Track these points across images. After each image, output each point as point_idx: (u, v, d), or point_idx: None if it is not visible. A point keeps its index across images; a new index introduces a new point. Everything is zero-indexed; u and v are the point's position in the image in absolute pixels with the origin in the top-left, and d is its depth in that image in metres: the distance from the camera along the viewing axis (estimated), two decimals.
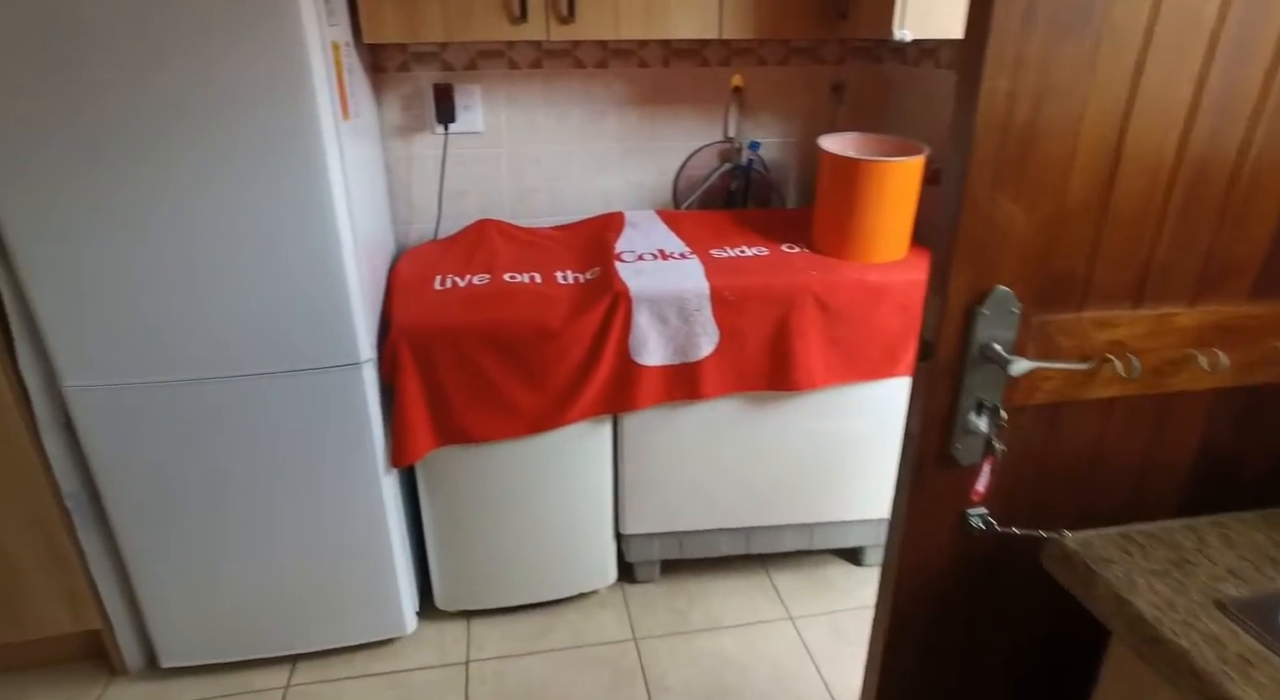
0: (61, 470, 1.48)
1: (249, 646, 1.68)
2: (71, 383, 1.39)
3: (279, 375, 1.44)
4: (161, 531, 1.53)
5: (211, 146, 1.26)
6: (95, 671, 1.71)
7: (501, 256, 1.79)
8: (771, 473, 1.82)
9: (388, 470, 1.59)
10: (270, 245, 1.34)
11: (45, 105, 1.20)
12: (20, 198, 1.25)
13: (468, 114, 1.87)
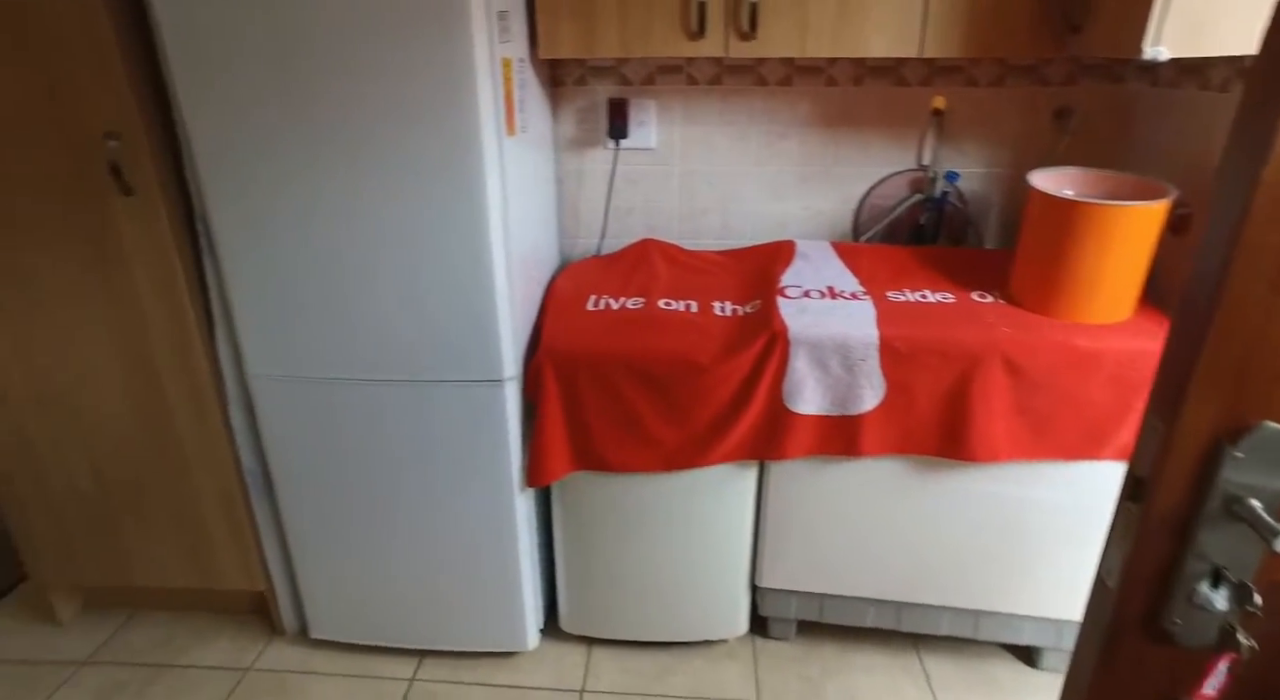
0: (243, 448, 1.62)
1: (383, 634, 1.76)
2: (256, 371, 1.51)
3: (428, 384, 1.48)
4: (318, 512, 1.63)
5: (383, 159, 1.30)
6: (261, 628, 1.87)
7: (660, 280, 1.72)
8: (934, 547, 1.60)
9: (523, 488, 1.58)
10: (428, 257, 1.37)
11: (260, 127, 1.30)
12: (231, 207, 1.37)
13: (641, 130, 1.82)
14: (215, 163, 1.34)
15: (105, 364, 1.56)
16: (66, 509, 1.73)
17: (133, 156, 1.38)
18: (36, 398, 1.61)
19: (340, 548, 1.66)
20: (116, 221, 1.43)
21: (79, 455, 1.66)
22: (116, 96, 1.34)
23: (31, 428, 1.64)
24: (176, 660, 1.78)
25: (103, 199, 1.41)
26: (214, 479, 1.66)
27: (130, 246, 1.45)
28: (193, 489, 1.68)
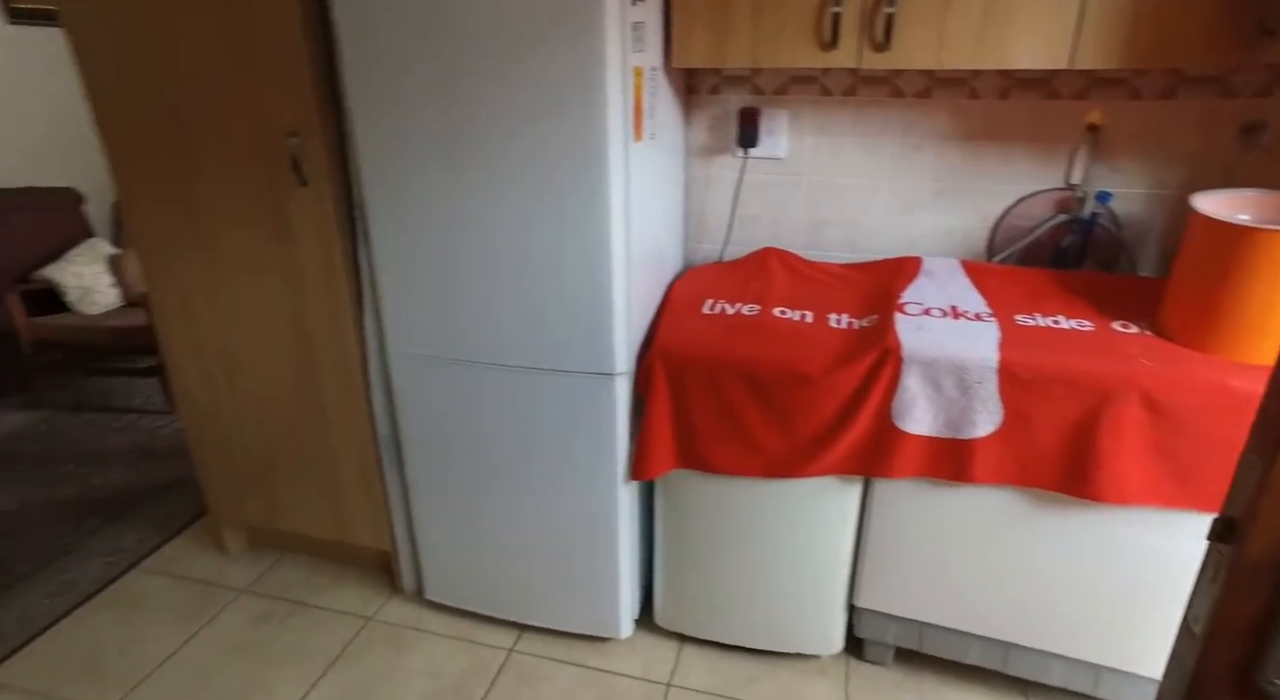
0: (380, 417, 1.79)
1: (489, 603, 1.88)
2: (395, 349, 1.67)
3: (547, 372, 1.57)
4: (440, 483, 1.77)
5: (518, 159, 1.40)
6: (384, 584, 2.05)
7: (777, 288, 1.73)
8: (1052, 589, 1.51)
9: (627, 480, 1.64)
10: (552, 253, 1.46)
11: (413, 129, 1.44)
12: (384, 200, 1.53)
13: (771, 139, 1.83)
14: (374, 159, 1.50)
15: (275, 332, 1.78)
16: (238, 457, 1.98)
17: (309, 152, 1.57)
18: (223, 353, 1.86)
19: (457, 518, 1.80)
20: (292, 208, 1.63)
21: (251, 410, 1.90)
22: (300, 101, 1.53)
23: (218, 379, 1.89)
24: (313, 600, 2.00)
25: (283, 188, 1.62)
26: (354, 443, 1.85)
27: (301, 230, 1.65)
28: (336, 450, 1.87)
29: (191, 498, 2.41)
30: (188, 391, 1.94)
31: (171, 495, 2.43)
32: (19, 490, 2.47)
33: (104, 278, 3.09)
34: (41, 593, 2.01)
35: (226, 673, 1.78)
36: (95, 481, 2.51)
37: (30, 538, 2.23)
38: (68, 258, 3.09)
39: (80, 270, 3.06)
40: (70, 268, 3.05)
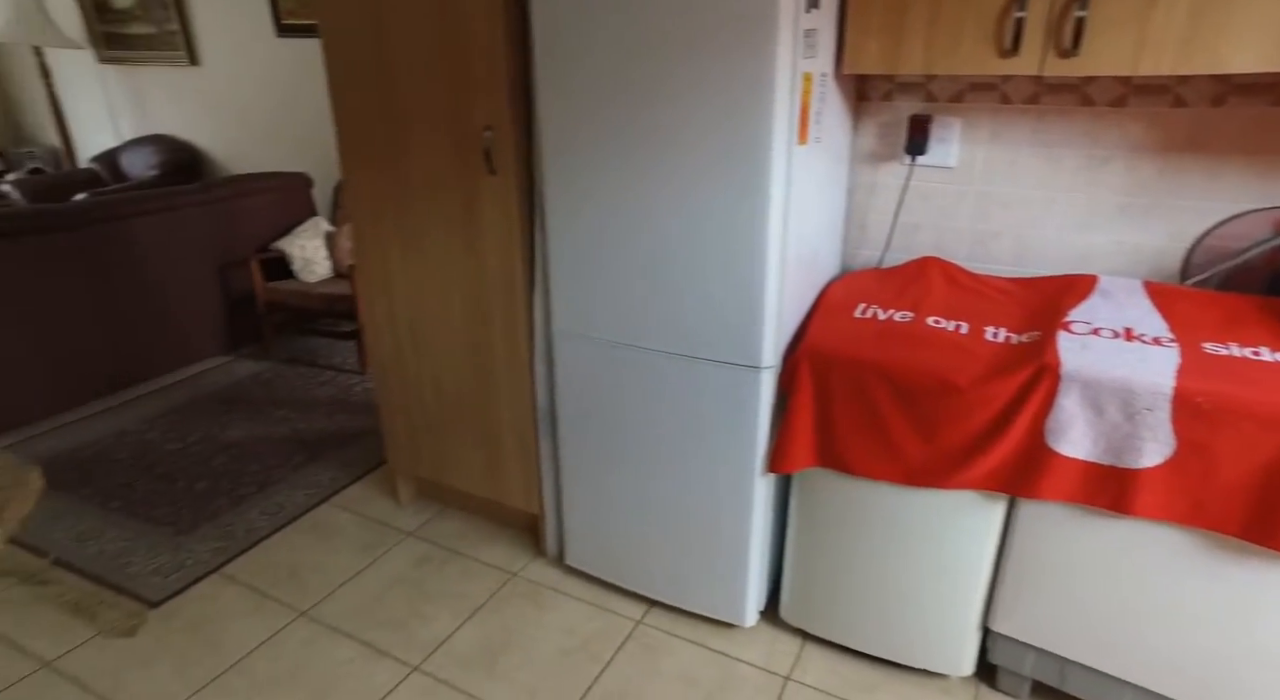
0: (540, 389, 1.95)
1: (622, 575, 1.99)
2: (558, 328, 1.82)
3: (696, 360, 1.65)
4: (588, 456, 1.90)
5: (685, 156, 1.49)
6: (530, 545, 2.23)
7: (934, 297, 1.70)
8: (1226, 647, 1.38)
9: (764, 472, 1.69)
10: (710, 247, 1.54)
11: (593, 125, 1.57)
12: (561, 190, 1.68)
13: (941, 146, 1.80)
14: (555, 153, 1.65)
15: (457, 304, 1.99)
16: (416, 416, 2.23)
17: (500, 145, 1.75)
18: (411, 323, 2.10)
19: (600, 491, 1.93)
20: (481, 194, 1.83)
21: (429, 372, 2.14)
22: (497, 99, 1.71)
23: (405, 344, 2.15)
24: (466, 551, 2.21)
25: (476, 176, 1.81)
26: (515, 412, 2.03)
27: (487, 215, 1.84)
28: (499, 417, 2.06)
29: (374, 449, 2.73)
30: (380, 355, 2.22)
31: (358, 444, 2.77)
32: (247, 425, 2.91)
33: (321, 251, 3.55)
34: (260, 510, 2.38)
35: (392, 599, 2.02)
36: (302, 426, 2.91)
37: (253, 465, 2.64)
38: (296, 232, 3.58)
39: (304, 243, 3.54)
40: (297, 241, 3.53)
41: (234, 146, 4.73)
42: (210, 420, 2.96)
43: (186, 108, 4.84)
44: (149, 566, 2.14)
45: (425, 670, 1.80)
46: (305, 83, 4.23)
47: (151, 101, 4.99)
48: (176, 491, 2.49)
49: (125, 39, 4.85)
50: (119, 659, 1.84)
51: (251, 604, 2.01)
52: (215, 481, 2.55)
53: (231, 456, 2.70)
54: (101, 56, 5.01)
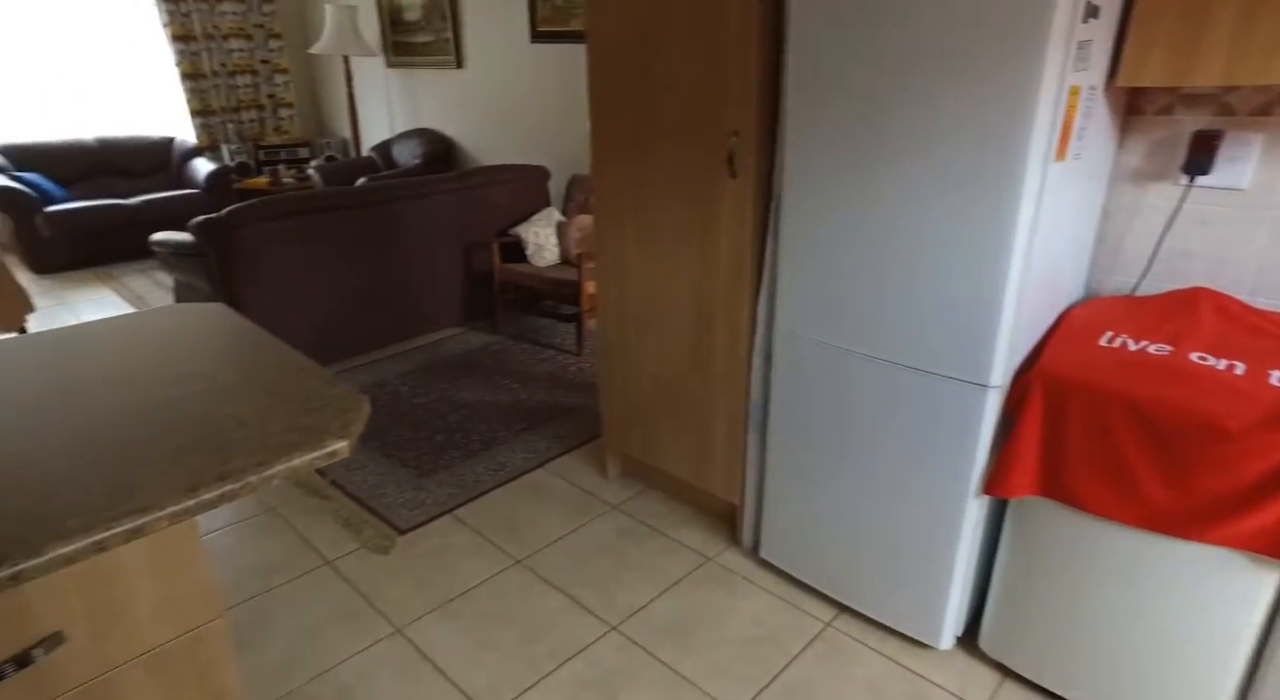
0: (755, 385, 2.03)
1: (816, 575, 2.02)
2: (781, 327, 1.88)
3: (920, 373, 1.64)
4: (794, 454, 1.95)
5: (931, 167, 1.49)
6: (726, 533, 2.32)
7: (1202, 332, 1.55)
8: None
9: (978, 494, 1.64)
10: (948, 259, 1.52)
11: (837, 133, 1.62)
12: (798, 195, 1.74)
13: (1231, 166, 1.63)
14: (796, 159, 1.71)
15: (683, 297, 2.12)
16: (633, 398, 2.40)
17: (744, 149, 1.84)
18: (638, 312, 2.27)
19: (803, 490, 1.97)
20: (721, 196, 1.93)
21: (650, 360, 2.29)
22: (745, 105, 1.80)
23: (630, 332, 2.32)
24: (666, 530, 2.34)
25: (716, 179, 1.92)
26: (728, 403, 2.12)
27: (723, 215, 1.94)
28: (712, 407, 2.17)
29: (586, 424, 2.96)
30: (606, 339, 2.40)
31: (572, 419, 3.02)
32: (477, 390, 3.28)
33: (551, 238, 3.88)
34: (485, 467, 2.69)
35: (595, 563, 2.20)
36: (523, 396, 3.21)
37: (480, 426, 2.97)
38: (531, 220, 3.94)
39: (538, 230, 3.88)
40: (532, 228, 3.89)
41: (484, 140, 5.27)
42: (448, 382, 3.36)
43: (448, 105, 5.46)
44: (398, 499, 2.50)
45: (622, 631, 1.95)
46: (550, 84, 4.62)
47: (421, 100, 5.69)
48: (420, 440, 2.87)
49: (409, 47, 5.57)
50: (375, 570, 2.17)
51: (476, 545, 2.28)
52: (450, 435, 2.89)
53: (463, 415, 3.05)
54: (389, 62, 5.79)
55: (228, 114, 6.42)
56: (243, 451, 1.04)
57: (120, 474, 0.97)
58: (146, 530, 0.92)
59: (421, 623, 1.98)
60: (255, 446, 1.05)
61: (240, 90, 6.43)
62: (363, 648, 1.90)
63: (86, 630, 0.95)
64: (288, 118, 6.74)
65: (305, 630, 1.96)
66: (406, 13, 5.45)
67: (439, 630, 1.96)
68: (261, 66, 6.51)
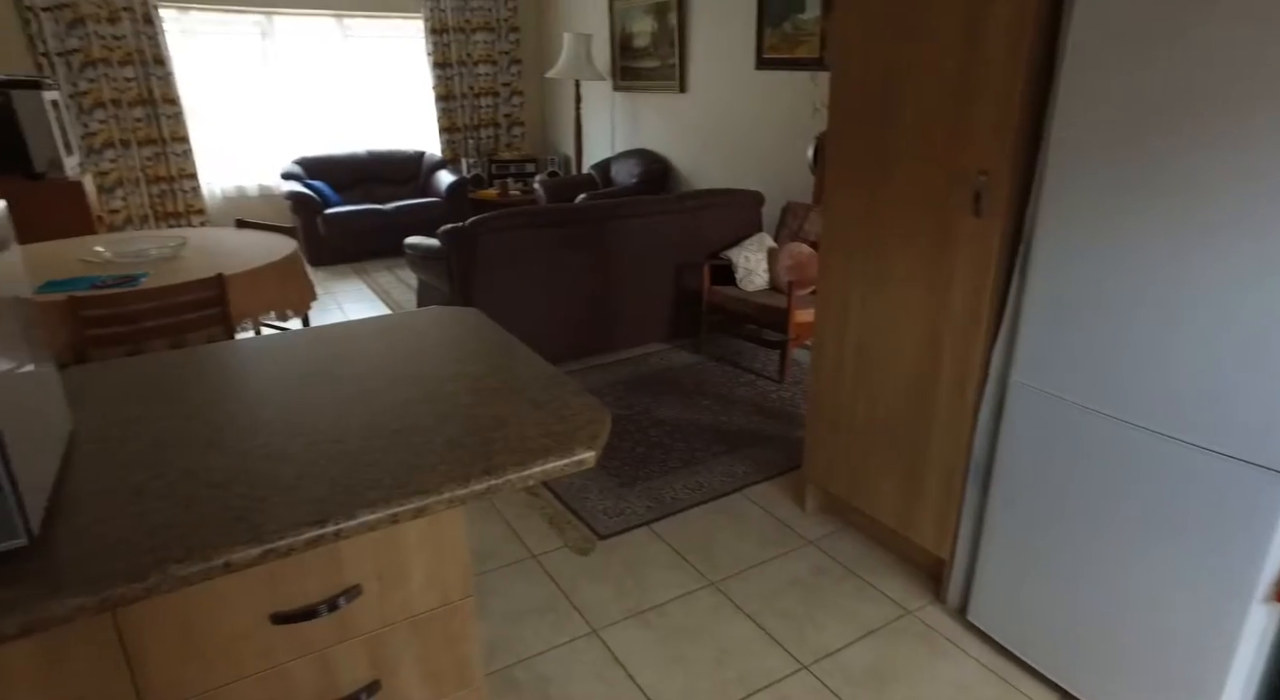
0: (979, 437, 1.90)
1: (1034, 652, 1.84)
2: (1018, 379, 1.75)
3: (1189, 447, 1.46)
4: (1020, 520, 1.80)
5: (1233, 219, 1.32)
6: (929, 588, 2.19)
7: None
8: None
9: (1266, 599, 1.42)
10: (1232, 319, 1.33)
11: (1105, 180, 1.48)
12: (1055, 239, 1.61)
13: None
14: (1055, 202, 1.59)
15: (908, 336, 2.04)
16: (842, 433, 2.34)
17: (993, 189, 1.74)
18: (857, 346, 2.21)
19: (1028, 560, 1.81)
20: (959, 235, 1.84)
21: (865, 397, 2.23)
22: (999, 144, 1.70)
23: (846, 366, 2.27)
24: (864, 574, 2.26)
25: (957, 217, 1.83)
26: (947, 452, 2.00)
27: (962, 255, 1.84)
28: (928, 454, 2.06)
29: (785, 453, 2.93)
30: (820, 371, 2.37)
31: (771, 446, 3.00)
32: (677, 408, 3.36)
33: (762, 264, 3.89)
34: (684, 485, 2.74)
35: (788, 596, 2.17)
36: (723, 418, 3.24)
37: (680, 443, 3.04)
38: (743, 244, 3.98)
39: (749, 255, 3.91)
40: (743, 252, 3.92)
41: (700, 163, 5.41)
42: (650, 397, 3.47)
43: (668, 128, 5.68)
44: (599, 505, 2.62)
45: (814, 672, 1.90)
46: (770, 111, 4.65)
47: (643, 121, 5.96)
48: (623, 450, 2.99)
49: (635, 71, 5.86)
50: (576, 569, 2.29)
51: (671, 560, 2.33)
52: (650, 449, 2.99)
53: (664, 431, 3.13)
54: (615, 85, 6.13)
55: (469, 131, 7.12)
56: (504, 450, 1.14)
57: (405, 459, 1.11)
58: (427, 511, 1.04)
59: (617, 628, 2.06)
60: (515, 446, 1.15)
61: (482, 110, 7.12)
62: (562, 642, 2.01)
63: (376, 588, 1.09)
64: (519, 135, 7.35)
65: (510, 615, 2.11)
66: (636, 40, 5.74)
67: (633, 637, 2.02)
68: (502, 88, 7.16)
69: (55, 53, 5.35)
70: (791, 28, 4.32)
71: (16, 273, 1.09)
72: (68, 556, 0.89)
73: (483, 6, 6.82)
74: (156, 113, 5.74)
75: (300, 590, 1.04)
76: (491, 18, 6.89)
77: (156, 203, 5.96)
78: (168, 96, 5.73)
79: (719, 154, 5.20)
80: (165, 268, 2.85)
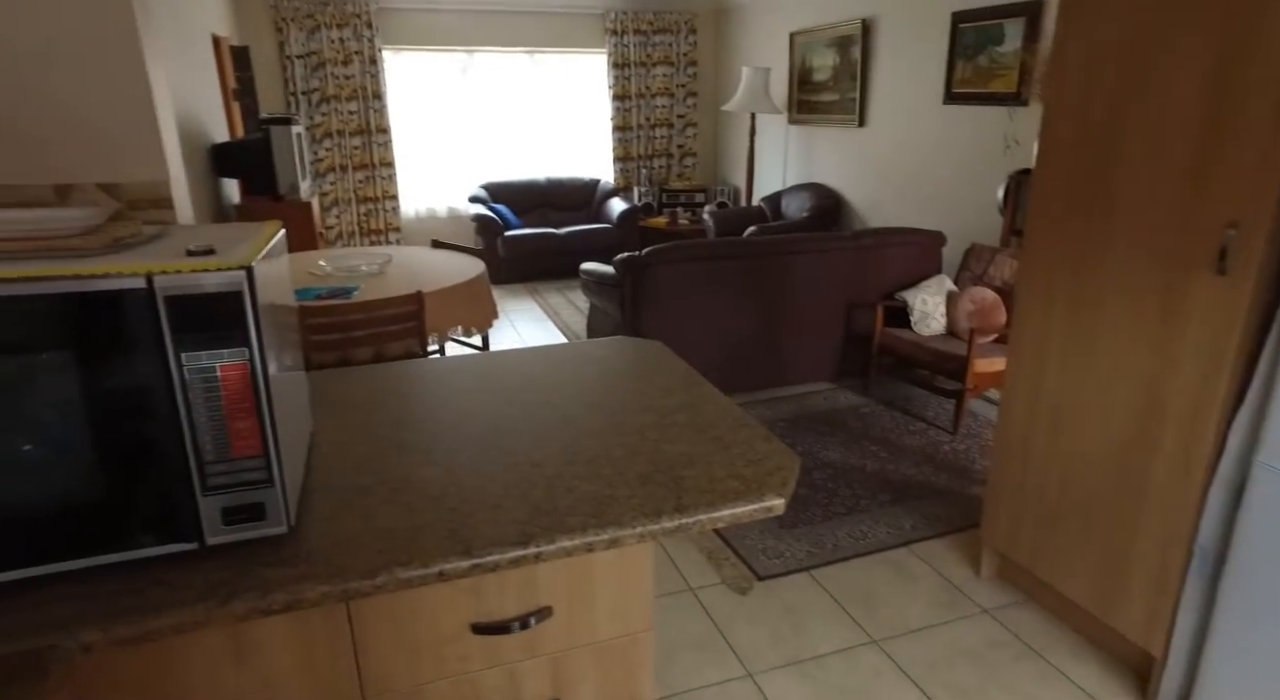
0: (1206, 521, 1.68)
1: None
2: (1266, 460, 1.53)
3: None
4: (1259, 620, 1.57)
5: None
6: (1133, 686, 1.95)
7: None
8: None
9: None
10: None
11: None
12: None
13: None
14: None
15: (1120, 400, 1.85)
16: (1030, 497, 2.15)
17: (1244, 243, 1.55)
18: (1055, 405, 2.03)
19: (1269, 666, 1.57)
20: (1196, 293, 1.65)
21: (1060, 460, 2.04)
22: (1257, 191, 1.51)
23: (1040, 424, 2.09)
24: (1048, 656, 2.05)
25: (1191, 273, 1.64)
26: (1161, 534, 1.79)
27: (1196, 315, 1.65)
28: (1136, 532, 1.84)
29: (959, 510, 2.74)
30: (1010, 425, 2.20)
31: (941, 501, 2.82)
32: (842, 451, 3.24)
33: (939, 308, 3.70)
34: (847, 532, 2.64)
35: (959, 669, 2.01)
36: (890, 466, 3.09)
37: (844, 489, 2.93)
38: (920, 286, 3.80)
39: (926, 298, 3.73)
40: (920, 295, 3.75)
41: (875, 199, 5.26)
42: (814, 437, 3.38)
43: (843, 162, 5.57)
44: (759, 545, 2.57)
45: None
46: (957, 147, 4.44)
47: (816, 155, 5.89)
48: None
49: (812, 105, 5.81)
50: (731, 608, 2.26)
51: (831, 611, 2.24)
52: (813, 492, 2.90)
53: (828, 475, 3.03)
54: (791, 118, 6.11)
55: (642, 160, 7.35)
56: (693, 489, 1.15)
57: (599, 489, 1.14)
58: (619, 543, 1.06)
59: (774, 674, 2.00)
60: (705, 487, 1.16)
61: (656, 140, 7.33)
62: (716, 681, 1.98)
63: (565, 611, 1.13)
64: (691, 166, 7.49)
65: (665, 647, 2.11)
66: (816, 74, 5.70)
67: (789, 687, 1.96)
68: (677, 120, 7.35)
69: (301, 92, 6.13)
70: (987, 60, 4.11)
71: (288, 285, 1.24)
72: (314, 548, 0.99)
73: (664, 42, 7.06)
74: (370, 141, 6.41)
75: (499, 605, 1.09)
76: (672, 53, 7.12)
77: (363, 220, 6.63)
78: (380, 126, 6.39)
79: (897, 191, 5.02)
80: (373, 282, 3.15)
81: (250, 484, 0.98)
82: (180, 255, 0.95)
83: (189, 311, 0.92)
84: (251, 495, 0.98)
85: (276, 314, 1.09)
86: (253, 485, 0.98)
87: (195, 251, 0.95)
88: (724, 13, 7.10)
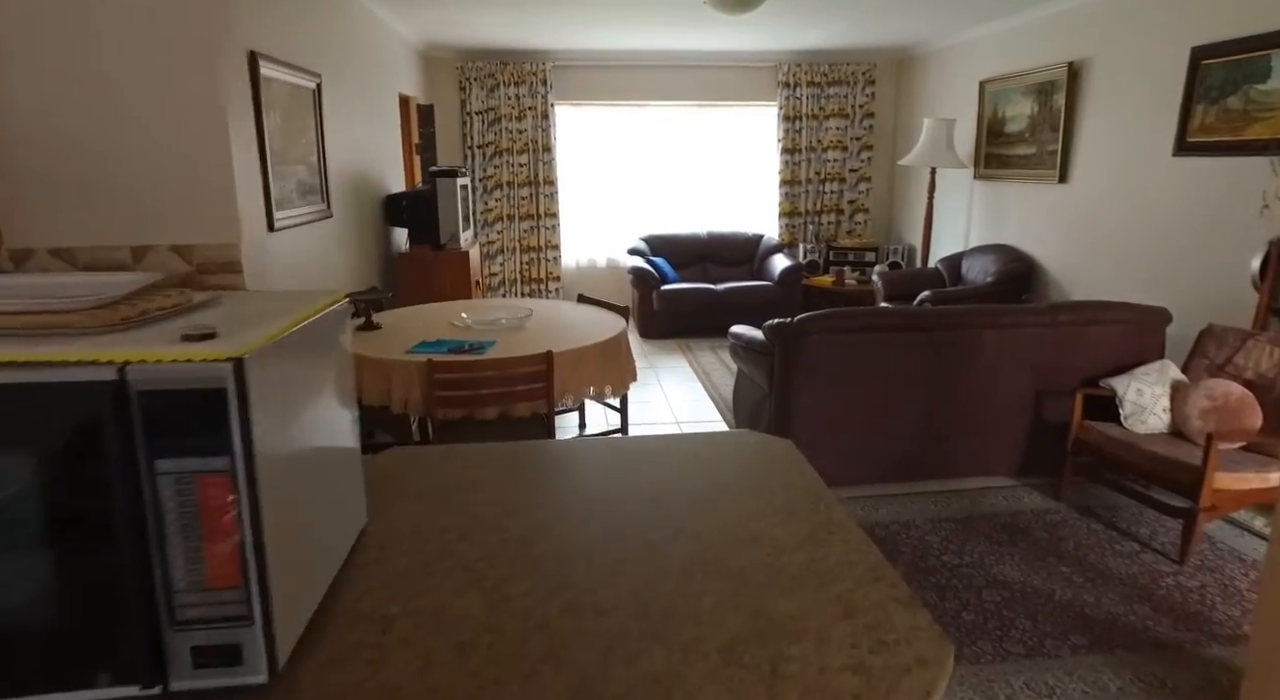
0: None
1: None
2: None
3: None
4: None
5: None
6: None
7: None
8: None
9: None
10: None
11: None
12: None
13: None
14: None
15: None
16: None
17: None
18: None
19: None
20: None
21: None
22: None
23: None
24: None
25: None
26: None
27: None
28: None
29: (1192, 674, 2.11)
30: None
31: (1166, 660, 2.19)
32: (1023, 567, 2.68)
33: (1161, 401, 3.02)
34: (1024, 682, 2.10)
35: None
36: (1087, 597, 2.49)
37: (1023, 621, 2.38)
38: (1135, 373, 3.15)
39: (1142, 388, 3.07)
40: (1134, 383, 3.10)
41: (1077, 265, 4.57)
42: (987, 545, 2.83)
43: (1037, 222, 4.92)
44: None
45: None
46: (1188, 206, 3.74)
47: (1006, 214, 5.26)
48: (945, 611, 2.43)
49: (1003, 159, 5.23)
50: None
51: None
52: (982, 618, 2.38)
53: (1002, 597, 2.50)
54: (977, 173, 5.54)
55: (810, 216, 7.01)
56: (793, 684, 0.83)
57: (662, 666, 0.86)
58: None
59: None
60: (809, 681, 0.84)
61: (826, 195, 6.97)
62: None
63: None
64: (862, 222, 7.03)
65: None
66: (1009, 124, 5.13)
67: None
68: (849, 175, 6.95)
69: (476, 145, 6.46)
70: (1241, 102, 3.42)
71: (344, 358, 1.08)
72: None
73: (839, 94, 6.74)
74: (538, 192, 6.60)
75: None
76: (847, 104, 6.78)
77: (525, 269, 6.80)
78: (548, 178, 6.56)
79: (1105, 256, 4.32)
80: (510, 338, 3.07)
81: (227, 620, 0.80)
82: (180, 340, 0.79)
83: (166, 409, 0.76)
84: (228, 634, 0.80)
85: (310, 399, 0.92)
86: (230, 622, 0.80)
87: (191, 335, 0.80)
88: (907, 62, 6.67)
